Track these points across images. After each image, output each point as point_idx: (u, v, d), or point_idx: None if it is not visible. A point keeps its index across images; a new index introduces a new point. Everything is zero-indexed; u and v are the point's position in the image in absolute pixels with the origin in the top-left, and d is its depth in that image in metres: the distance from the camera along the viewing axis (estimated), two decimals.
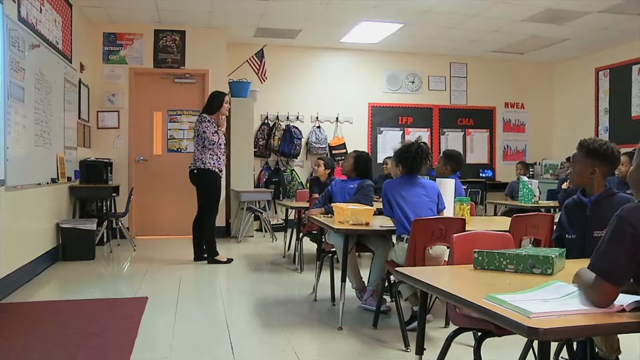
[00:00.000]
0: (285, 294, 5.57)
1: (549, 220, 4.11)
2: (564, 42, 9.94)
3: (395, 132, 11.03)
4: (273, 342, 4.09)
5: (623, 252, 1.80)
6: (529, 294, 1.99)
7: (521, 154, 11.78)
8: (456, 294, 2.12)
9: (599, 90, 10.65)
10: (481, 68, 11.45)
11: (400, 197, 4.19)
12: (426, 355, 2.99)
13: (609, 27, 8.92)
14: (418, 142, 4.31)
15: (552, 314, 1.78)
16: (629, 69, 10.00)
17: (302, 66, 10.57)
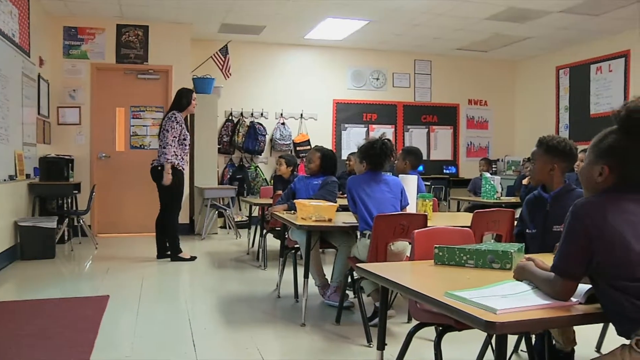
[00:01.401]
0: (248, 291, 5.54)
1: (509, 215, 4.17)
2: (526, 41, 10.09)
3: (360, 128, 11.07)
4: (236, 339, 4.07)
5: (578, 248, 1.84)
6: (485, 290, 2.02)
7: (484, 150, 11.92)
8: (416, 290, 2.14)
9: (560, 88, 10.84)
10: (445, 65, 11.55)
11: (364, 193, 4.20)
12: (388, 351, 3.01)
13: (569, 27, 9.08)
14: (382, 138, 4.33)
15: (515, 309, 1.81)
16: (587, 68, 10.20)
17: (267, 62, 10.53)
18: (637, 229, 1.80)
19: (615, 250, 1.78)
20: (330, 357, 3.72)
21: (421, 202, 4.61)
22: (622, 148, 1.91)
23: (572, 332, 3.16)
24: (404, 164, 5.62)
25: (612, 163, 1.92)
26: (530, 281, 2.10)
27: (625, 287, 1.75)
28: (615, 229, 1.80)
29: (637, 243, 1.78)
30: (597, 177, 1.96)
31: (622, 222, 1.81)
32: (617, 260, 1.78)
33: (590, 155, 2.01)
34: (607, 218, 1.82)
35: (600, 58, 9.94)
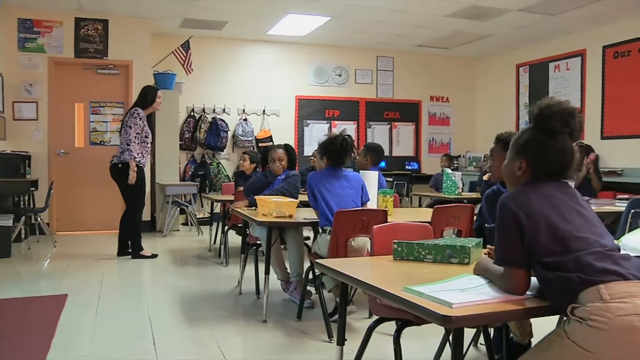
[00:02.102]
0: (210, 288, 5.51)
1: (469, 211, 4.22)
2: (487, 39, 10.21)
3: (322, 125, 11.07)
4: (197, 336, 4.04)
5: (512, 234, 1.93)
6: (443, 285, 2.04)
7: (446, 146, 12.04)
8: (375, 285, 2.15)
9: (520, 85, 11.01)
10: (407, 62, 11.62)
11: (324, 189, 4.22)
12: (349, 346, 3.03)
13: (528, 26, 9.22)
14: (343, 134, 4.35)
15: (470, 303, 1.85)
16: (546, 66, 10.38)
17: (229, 58, 10.46)
18: (560, 210, 1.94)
19: (542, 230, 1.89)
20: (291, 353, 3.73)
21: (382, 197, 4.64)
22: (536, 143, 2.06)
23: (529, 324, 3.22)
24: (365, 160, 5.65)
25: (529, 157, 2.07)
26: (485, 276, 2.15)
27: (553, 263, 1.85)
28: (540, 212, 1.92)
29: (562, 222, 1.91)
30: (517, 171, 2.10)
31: (546, 205, 1.95)
32: (544, 239, 1.88)
33: (511, 153, 2.15)
34: (531, 203, 1.95)
35: (558, 57, 10.12)
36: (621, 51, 8.92)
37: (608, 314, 1.70)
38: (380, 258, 2.75)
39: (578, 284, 1.78)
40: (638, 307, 1.70)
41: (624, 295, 1.72)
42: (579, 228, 1.91)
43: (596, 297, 1.74)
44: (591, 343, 1.72)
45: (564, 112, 2.02)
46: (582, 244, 1.86)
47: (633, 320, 1.68)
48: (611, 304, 1.71)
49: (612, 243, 1.92)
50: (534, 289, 1.97)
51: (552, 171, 2.05)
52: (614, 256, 1.84)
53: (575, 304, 1.79)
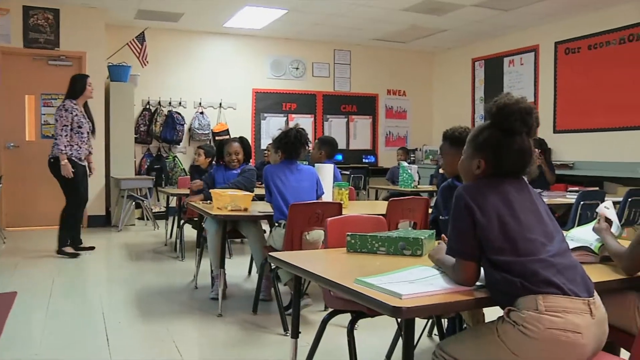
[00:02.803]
0: (165, 283, 5.45)
1: (424, 203, 4.26)
2: (443, 33, 10.30)
3: (279, 118, 11.03)
4: (151, 331, 4.00)
5: (466, 228, 1.95)
6: (394, 276, 2.06)
7: (403, 140, 12.12)
8: (327, 278, 2.16)
9: (475, 79, 11.16)
10: (364, 56, 11.65)
11: (279, 182, 4.21)
12: (304, 339, 3.04)
13: (483, 21, 9.34)
14: (296, 128, 4.35)
15: (420, 294, 1.86)
16: (501, 61, 10.54)
17: (185, 51, 10.32)
18: (514, 208, 1.96)
19: (493, 227, 1.91)
20: (246, 347, 3.72)
21: (337, 190, 4.65)
22: (495, 142, 2.06)
23: (482, 314, 3.25)
24: (319, 153, 5.66)
25: (488, 156, 2.06)
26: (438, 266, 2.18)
27: (500, 262, 1.88)
28: (493, 207, 1.94)
29: (514, 221, 1.93)
30: (475, 169, 2.09)
31: (500, 202, 1.96)
32: (495, 236, 1.90)
33: (468, 150, 2.15)
34: (485, 197, 1.96)
35: (512, 52, 10.28)
36: (572, 47, 9.11)
37: (539, 325, 1.78)
38: (333, 250, 2.76)
39: (520, 289, 1.83)
40: (568, 323, 1.78)
41: (558, 310, 1.79)
42: (531, 228, 1.94)
43: (532, 306, 1.80)
44: (518, 347, 1.82)
45: (523, 111, 2.03)
46: (531, 247, 1.89)
47: (560, 335, 1.78)
48: (544, 315, 1.79)
49: (560, 243, 1.97)
50: (484, 279, 1.99)
51: (510, 170, 2.06)
52: (559, 265, 1.88)
53: (512, 307, 1.86)
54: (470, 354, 1.96)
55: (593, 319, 1.83)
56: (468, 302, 1.90)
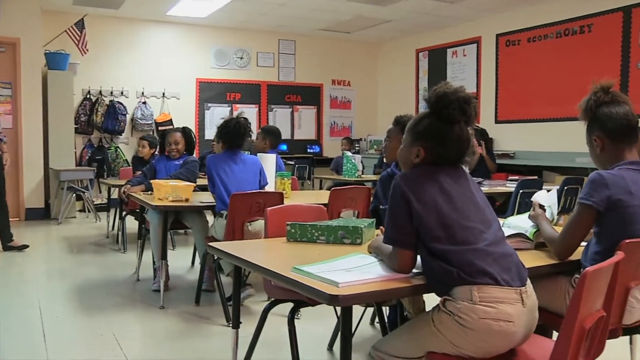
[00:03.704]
0: (107, 276, 5.35)
1: (365, 192, 4.29)
2: (388, 24, 10.35)
3: (223, 108, 10.91)
4: (90, 325, 3.93)
5: (403, 217, 1.96)
6: (332, 264, 2.06)
7: (347, 130, 12.18)
8: (265, 267, 2.15)
9: (419, 70, 11.28)
10: (309, 46, 11.63)
11: (222, 172, 4.18)
12: (247, 329, 3.02)
13: (427, 12, 9.43)
14: (237, 117, 4.32)
15: (357, 282, 1.88)
16: (444, 52, 10.68)
17: (127, 39, 10.09)
18: (451, 196, 1.98)
19: (430, 215, 1.93)
20: (188, 339, 3.68)
21: (280, 180, 4.64)
22: (434, 131, 2.07)
23: (422, 301, 3.30)
24: (263, 143, 5.63)
25: (426, 145, 2.07)
26: (377, 255, 2.20)
27: (437, 251, 1.91)
28: (430, 196, 1.95)
29: (451, 209, 1.95)
30: (414, 158, 2.10)
31: (437, 190, 1.98)
32: (432, 224, 1.92)
33: (407, 139, 2.15)
34: (423, 185, 1.97)
35: (455, 43, 10.43)
36: (512, 40, 9.30)
37: (473, 315, 1.82)
38: (273, 240, 2.75)
39: (455, 279, 1.86)
40: (501, 313, 1.83)
41: (491, 300, 1.83)
42: (468, 216, 1.96)
43: (467, 297, 1.84)
44: (455, 337, 1.86)
45: (461, 100, 2.04)
46: (468, 235, 1.92)
47: (493, 325, 1.82)
48: (478, 306, 1.83)
49: (496, 232, 2.00)
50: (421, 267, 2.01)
51: (449, 158, 2.08)
52: (495, 254, 1.91)
53: (448, 297, 1.89)
54: (408, 348, 1.99)
55: (524, 307, 1.88)
56: (404, 289, 1.92)
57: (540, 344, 2.02)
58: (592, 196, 2.24)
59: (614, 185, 2.23)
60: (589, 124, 2.44)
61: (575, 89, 8.13)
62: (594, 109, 2.40)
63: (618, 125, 2.36)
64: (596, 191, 2.24)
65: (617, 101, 2.40)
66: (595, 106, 2.40)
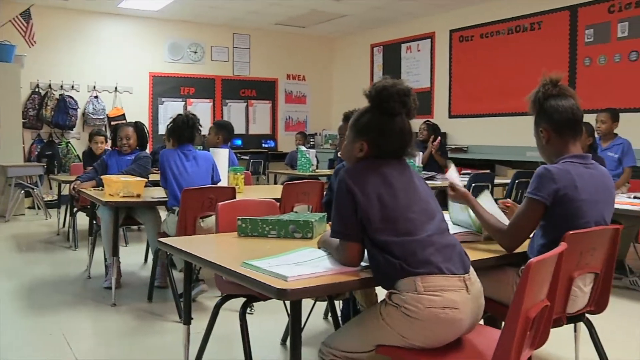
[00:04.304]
0: (57, 274, 5.23)
1: (318, 187, 4.30)
2: (343, 18, 10.38)
3: (177, 102, 10.78)
4: (39, 325, 3.83)
5: (348, 210, 1.97)
6: (282, 258, 2.06)
7: (302, 124, 12.18)
8: (214, 262, 2.13)
9: (374, 65, 11.34)
10: (264, 40, 11.58)
11: (175, 167, 4.14)
12: (200, 325, 2.99)
13: (382, 7, 9.48)
14: (186, 113, 4.30)
15: (306, 276, 1.88)
16: (399, 47, 10.76)
17: (77, 31, 9.86)
18: (394, 189, 2.00)
19: (374, 208, 1.94)
20: (140, 336, 3.64)
21: (232, 175, 4.61)
22: (376, 125, 2.08)
23: (374, 294, 3.33)
24: (216, 138, 5.59)
25: (369, 139, 2.08)
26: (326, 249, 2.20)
27: (381, 243, 1.92)
28: (373, 188, 1.97)
29: (393, 202, 1.97)
30: (357, 153, 2.10)
31: (381, 183, 1.99)
32: (375, 216, 1.94)
33: (350, 134, 2.15)
34: (367, 179, 1.99)
35: (410, 38, 10.53)
36: (466, 36, 9.43)
37: (419, 305, 1.84)
38: (224, 235, 2.73)
39: (399, 271, 1.88)
40: (446, 301, 1.85)
41: (436, 289, 1.86)
42: (411, 207, 1.98)
43: (412, 288, 1.86)
44: (403, 328, 1.88)
45: (401, 93, 2.05)
46: (410, 226, 1.94)
47: (439, 313, 1.85)
48: (423, 295, 1.85)
49: (439, 222, 2.03)
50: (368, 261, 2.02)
51: (392, 151, 2.09)
52: (438, 244, 1.94)
53: (393, 290, 1.91)
54: (358, 342, 2.00)
55: (469, 294, 1.91)
56: (353, 282, 1.93)
57: (487, 334, 2.05)
58: (540, 191, 2.29)
59: (561, 180, 2.28)
60: (537, 115, 2.49)
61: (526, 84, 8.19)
62: (542, 101, 2.45)
63: (564, 118, 2.41)
64: (544, 186, 2.28)
65: (564, 94, 2.45)
66: (543, 98, 2.45)
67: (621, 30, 7.28)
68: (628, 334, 3.77)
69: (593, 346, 2.62)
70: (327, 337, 2.12)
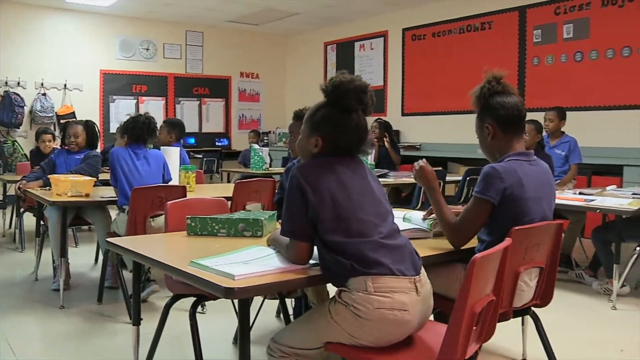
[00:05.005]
0: (3, 276, 5.09)
1: (270, 185, 4.29)
2: (296, 16, 10.36)
3: (129, 100, 10.62)
4: None
5: (299, 208, 1.95)
6: (230, 257, 2.05)
7: (256, 122, 12.13)
8: (162, 261, 2.11)
9: (327, 63, 11.36)
10: (217, 37, 11.49)
11: (126, 166, 4.08)
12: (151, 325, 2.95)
13: (335, 5, 9.50)
14: (147, 116, 4.26)
15: (253, 274, 1.87)
16: (352, 45, 10.81)
17: (23, 27, 9.58)
18: (346, 188, 1.98)
19: (325, 208, 1.93)
20: (89, 338, 3.58)
21: (184, 174, 4.57)
22: (332, 120, 2.07)
23: (326, 292, 3.34)
24: (169, 137, 5.53)
25: (324, 134, 2.06)
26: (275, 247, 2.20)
27: (332, 243, 1.91)
28: (326, 188, 1.95)
29: (347, 201, 1.96)
30: (312, 148, 2.08)
31: (334, 182, 1.97)
32: (327, 216, 1.93)
33: (305, 129, 2.14)
34: (319, 177, 1.96)
35: (363, 36, 10.58)
36: (418, 34, 9.52)
37: (369, 305, 1.85)
38: (174, 234, 2.71)
39: (350, 271, 1.88)
40: (395, 302, 1.86)
41: (386, 290, 1.86)
42: (364, 208, 1.98)
43: (362, 287, 1.86)
44: (351, 327, 1.89)
45: (358, 89, 2.04)
46: (363, 228, 1.93)
47: (388, 314, 1.86)
48: (373, 296, 1.85)
49: (391, 224, 2.03)
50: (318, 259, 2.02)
51: (347, 147, 2.07)
52: (389, 245, 1.94)
53: (343, 288, 1.91)
54: (307, 339, 2.00)
55: (418, 296, 1.92)
56: (301, 280, 1.93)
57: (435, 330, 2.08)
58: (488, 190, 2.32)
59: (509, 179, 2.32)
60: (482, 111, 2.53)
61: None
62: (487, 97, 2.49)
63: (510, 114, 2.46)
64: (492, 185, 2.32)
65: (508, 92, 2.50)
66: (488, 94, 2.48)
67: (567, 31, 7.46)
68: (574, 326, 3.88)
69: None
70: (276, 333, 2.11)
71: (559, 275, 4.80)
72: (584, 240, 5.75)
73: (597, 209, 4.22)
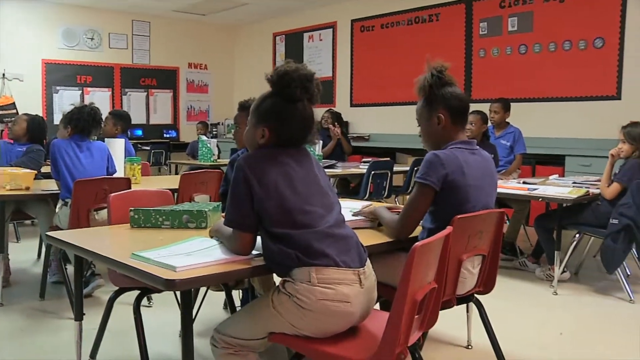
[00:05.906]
0: None
1: (217, 176, 4.25)
2: (244, 7, 10.29)
3: (74, 91, 10.37)
4: None
5: (244, 199, 1.93)
6: (172, 248, 2.03)
7: (205, 114, 12.02)
8: (103, 255, 2.07)
9: (276, 54, 11.32)
10: (165, 28, 11.32)
11: (68, 158, 3.98)
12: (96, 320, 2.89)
13: None
14: (93, 107, 4.16)
15: (195, 266, 1.86)
16: (301, 36, 10.79)
17: None
18: (292, 180, 1.97)
19: (271, 199, 1.92)
20: (30, 335, 3.48)
21: (129, 166, 4.49)
22: (278, 110, 2.05)
23: (272, 283, 3.33)
24: (115, 128, 5.44)
25: (271, 125, 2.04)
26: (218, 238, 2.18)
27: (277, 235, 1.91)
28: (272, 179, 1.93)
29: (293, 193, 1.94)
30: (259, 139, 2.06)
31: (279, 173, 1.96)
32: (273, 209, 1.91)
33: (252, 119, 2.12)
34: (265, 169, 1.95)
35: (312, 27, 10.57)
36: (367, 26, 9.56)
37: (312, 296, 1.85)
38: (117, 227, 2.66)
39: (294, 261, 1.88)
40: (339, 294, 1.87)
41: (329, 282, 1.87)
42: (309, 199, 1.97)
43: (306, 278, 1.86)
44: (293, 318, 1.89)
45: (303, 78, 2.02)
46: (308, 219, 1.92)
47: (330, 306, 1.86)
48: (316, 287, 1.86)
49: (337, 215, 2.03)
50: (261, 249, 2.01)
51: (294, 137, 2.06)
52: (335, 236, 1.94)
53: (287, 278, 1.91)
54: (250, 329, 2.00)
55: (362, 288, 1.93)
56: (244, 271, 1.93)
57: (380, 318, 2.09)
58: (429, 176, 2.35)
59: (450, 165, 2.35)
60: (432, 101, 2.54)
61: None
62: (439, 87, 2.51)
63: (462, 105, 2.50)
64: (433, 171, 2.35)
65: (452, 83, 2.54)
66: (440, 84, 2.50)
67: (511, 24, 7.59)
68: (517, 312, 3.97)
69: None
70: (220, 324, 2.09)
71: (504, 263, 4.95)
72: (529, 229, 5.89)
73: (540, 197, 4.34)
